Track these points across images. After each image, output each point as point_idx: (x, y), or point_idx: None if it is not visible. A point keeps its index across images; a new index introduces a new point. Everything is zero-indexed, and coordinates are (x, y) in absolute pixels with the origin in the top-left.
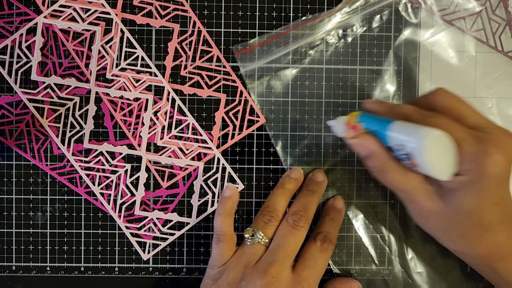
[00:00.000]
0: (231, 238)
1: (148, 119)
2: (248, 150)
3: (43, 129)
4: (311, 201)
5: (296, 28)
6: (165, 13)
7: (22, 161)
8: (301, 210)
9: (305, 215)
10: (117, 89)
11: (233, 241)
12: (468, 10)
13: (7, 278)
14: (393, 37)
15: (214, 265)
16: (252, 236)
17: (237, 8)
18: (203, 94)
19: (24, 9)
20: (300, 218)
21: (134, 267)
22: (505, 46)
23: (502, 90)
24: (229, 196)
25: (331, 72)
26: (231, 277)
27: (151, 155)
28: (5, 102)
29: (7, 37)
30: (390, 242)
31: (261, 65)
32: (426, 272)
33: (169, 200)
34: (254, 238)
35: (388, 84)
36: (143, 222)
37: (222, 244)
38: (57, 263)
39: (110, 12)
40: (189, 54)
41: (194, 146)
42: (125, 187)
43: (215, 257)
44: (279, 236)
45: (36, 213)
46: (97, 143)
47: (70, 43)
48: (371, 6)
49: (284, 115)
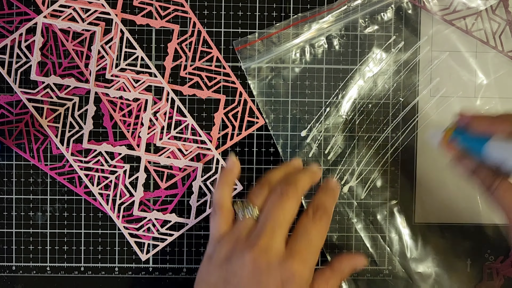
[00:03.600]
0: (228, 211)
1: (148, 119)
2: (248, 150)
3: (43, 129)
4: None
5: (296, 24)
6: (165, 13)
7: (22, 161)
8: (291, 181)
9: (294, 186)
10: (117, 90)
11: (230, 215)
12: (471, 9)
13: (7, 278)
14: (393, 37)
15: (211, 241)
16: (243, 210)
17: (237, 8)
18: (203, 95)
19: (24, 9)
20: (288, 188)
21: (134, 267)
22: (505, 46)
23: (503, 90)
24: (230, 168)
25: (331, 72)
26: (223, 253)
27: (150, 155)
28: (5, 102)
29: (6, 36)
30: (390, 242)
31: (261, 62)
32: (426, 272)
33: (168, 200)
34: (245, 212)
35: (388, 84)
36: (142, 223)
37: (217, 217)
38: (57, 263)
39: (110, 12)
40: (189, 55)
41: (193, 147)
42: (124, 188)
43: (211, 231)
44: (267, 207)
45: (36, 213)
46: (96, 143)
47: (70, 43)
48: (371, 5)
49: (285, 115)
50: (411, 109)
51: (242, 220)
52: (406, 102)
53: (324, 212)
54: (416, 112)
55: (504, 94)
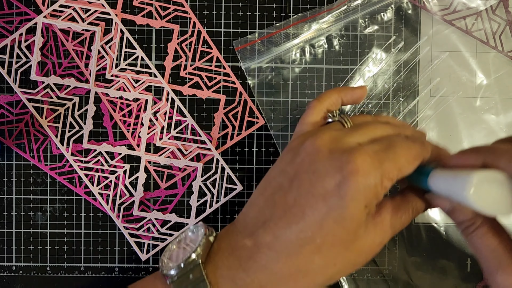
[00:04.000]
0: (321, 113)
1: (148, 119)
2: (248, 150)
3: (43, 129)
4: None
5: (296, 24)
6: (165, 13)
7: (22, 161)
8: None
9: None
10: (117, 90)
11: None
12: (471, 9)
13: (7, 278)
14: (393, 37)
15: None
16: (333, 115)
17: (237, 8)
18: (203, 95)
19: (24, 9)
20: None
21: (134, 267)
22: (505, 46)
23: (503, 90)
24: (355, 89)
25: (331, 72)
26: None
27: (150, 155)
28: (5, 102)
29: (6, 36)
30: (390, 242)
31: (261, 62)
32: (426, 272)
33: (168, 200)
34: (335, 117)
35: (388, 84)
36: (142, 223)
37: (307, 115)
38: (57, 263)
39: (110, 13)
40: (189, 55)
41: (193, 147)
42: (124, 188)
43: (296, 129)
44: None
45: (36, 213)
46: (96, 143)
47: (70, 43)
48: (371, 5)
49: (285, 115)
50: (411, 109)
51: (329, 123)
52: (406, 102)
53: (421, 141)
54: (416, 112)
55: (504, 94)
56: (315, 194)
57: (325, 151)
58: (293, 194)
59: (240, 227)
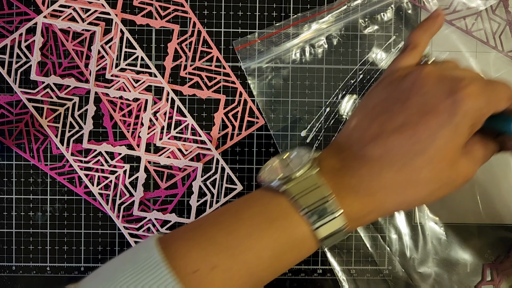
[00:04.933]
0: (418, 53)
1: (148, 119)
2: (248, 150)
3: (43, 129)
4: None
5: (296, 24)
6: (165, 13)
7: (22, 161)
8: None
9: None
10: (117, 89)
11: (417, 58)
12: (471, 9)
13: (7, 278)
14: (393, 37)
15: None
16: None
17: (237, 8)
18: (203, 95)
19: (24, 9)
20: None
21: None
22: (505, 46)
23: None
24: (435, 16)
25: (331, 72)
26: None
27: (150, 155)
28: (5, 102)
29: (6, 36)
30: (390, 242)
31: (261, 62)
32: (426, 272)
33: (168, 200)
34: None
35: None
36: (142, 223)
37: (405, 54)
38: (57, 263)
39: (110, 12)
40: (189, 55)
41: (193, 147)
42: (124, 188)
43: (391, 66)
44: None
45: (36, 213)
46: (96, 143)
47: (70, 43)
48: (371, 5)
49: (285, 115)
50: None
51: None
52: None
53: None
54: None
55: None
56: (427, 111)
57: (434, 78)
58: (403, 114)
59: (344, 147)
